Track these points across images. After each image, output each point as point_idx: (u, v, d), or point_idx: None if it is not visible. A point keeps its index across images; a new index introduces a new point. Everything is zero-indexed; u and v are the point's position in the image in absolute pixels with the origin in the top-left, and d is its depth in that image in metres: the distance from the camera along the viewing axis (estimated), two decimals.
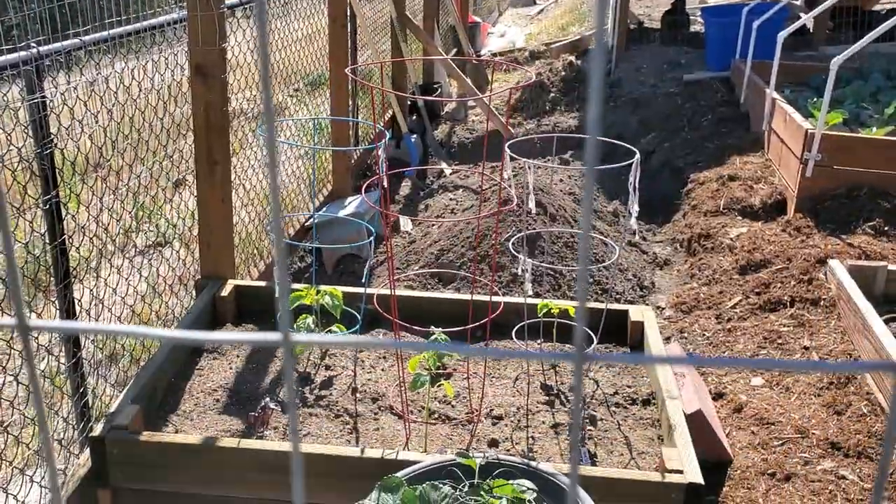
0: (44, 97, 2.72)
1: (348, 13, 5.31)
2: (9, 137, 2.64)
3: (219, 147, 3.52)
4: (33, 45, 2.70)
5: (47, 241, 2.80)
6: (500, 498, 2.22)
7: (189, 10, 3.31)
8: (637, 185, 3.42)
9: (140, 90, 3.53)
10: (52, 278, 2.98)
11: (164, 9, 5.24)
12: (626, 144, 3.44)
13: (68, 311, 2.93)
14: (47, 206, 2.78)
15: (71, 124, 3.00)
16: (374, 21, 6.86)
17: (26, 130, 2.71)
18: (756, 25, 7.12)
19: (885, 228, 4.70)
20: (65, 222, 2.90)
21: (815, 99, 5.61)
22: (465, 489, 2.28)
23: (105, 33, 3.18)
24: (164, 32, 3.66)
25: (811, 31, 8.54)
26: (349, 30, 5.31)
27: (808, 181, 4.94)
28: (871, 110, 6.18)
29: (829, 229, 4.78)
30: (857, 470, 3.09)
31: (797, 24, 7.21)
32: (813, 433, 3.27)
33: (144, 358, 3.45)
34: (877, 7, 9.11)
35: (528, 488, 2.26)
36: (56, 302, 2.89)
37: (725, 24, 8.01)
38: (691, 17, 10.46)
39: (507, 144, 3.37)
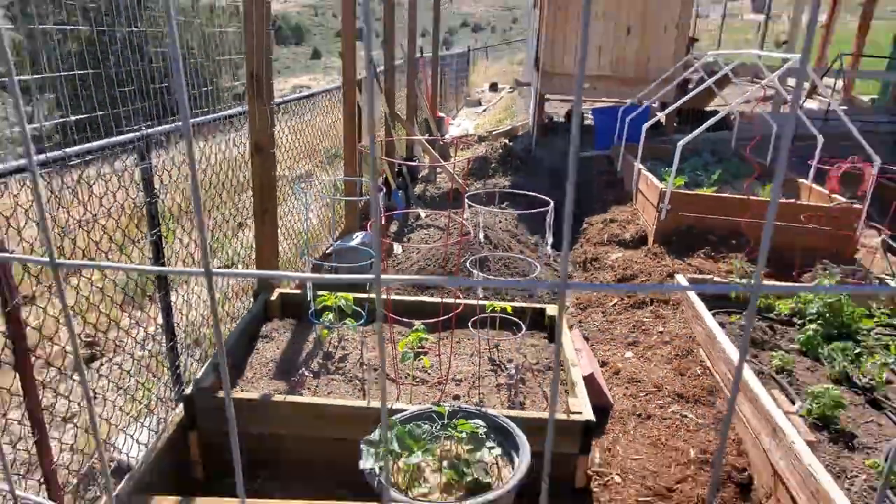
0: (149, 164, 2.73)
1: (356, 111, 5.34)
2: (127, 191, 2.65)
3: (268, 199, 3.49)
4: (143, 128, 2.72)
5: (153, 261, 2.80)
6: (462, 432, 2.26)
7: (249, 106, 3.32)
8: (551, 224, 3.51)
9: (216, 160, 3.53)
10: (156, 288, 2.96)
11: (233, 104, 5.25)
12: (543, 197, 3.49)
13: (167, 310, 2.91)
14: (153, 239, 2.79)
15: (169, 183, 3.02)
16: (376, 114, 6.88)
17: (138, 186, 2.72)
18: (627, 120, 7.27)
19: (712, 254, 4.73)
20: (164, 249, 2.91)
21: (666, 169, 5.70)
22: (438, 427, 2.31)
23: (193, 120, 3.20)
24: (233, 121, 3.68)
25: (663, 124, 8.68)
26: (356, 121, 5.34)
27: (662, 223, 4.96)
28: (702, 176, 6.34)
29: (675, 254, 4.76)
30: (694, 411, 3.10)
31: (654, 120, 7.40)
32: (665, 388, 3.23)
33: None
34: (708, 108, 9.34)
35: (481, 425, 2.30)
36: (159, 302, 2.88)
37: (607, 119, 7.99)
38: (584, 115, 10.61)
39: (466, 196, 3.45)
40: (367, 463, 2.13)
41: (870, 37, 9.97)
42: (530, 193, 4.19)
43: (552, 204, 3.32)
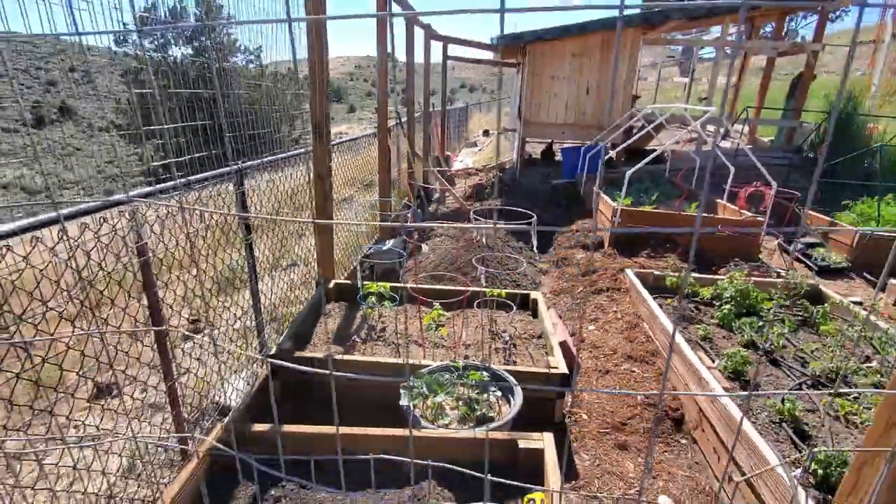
0: (243, 189, 2.83)
1: (388, 149, 5.43)
2: (228, 208, 2.75)
3: (324, 215, 3.62)
4: (239, 163, 2.83)
5: (247, 259, 2.89)
6: (472, 380, 2.35)
7: (313, 146, 3.43)
8: (535, 234, 3.59)
9: (286, 186, 3.63)
10: (247, 278, 3.04)
11: (291, 146, 5.34)
12: (527, 212, 3.57)
13: (254, 293, 3.01)
14: (247, 243, 2.89)
15: (258, 203, 3.11)
16: (400, 152, 6.98)
17: (236, 205, 2.81)
18: (588, 156, 7.37)
19: (652, 255, 4.82)
20: (255, 251, 3.00)
21: (617, 192, 5.79)
22: (455, 377, 2.40)
23: (272, 157, 3.31)
24: (300, 158, 3.78)
25: (615, 159, 8.73)
26: (388, 157, 5.42)
27: (614, 234, 5.10)
28: (644, 198, 6.41)
29: (625, 255, 4.82)
30: (641, 368, 3.14)
31: (608, 156, 7.50)
32: (619, 351, 3.28)
33: (291, 318, 3.49)
34: (648, 147, 9.40)
35: (486, 376, 2.39)
36: (249, 288, 2.96)
37: (572, 155, 8.08)
38: (555, 152, 10.69)
39: (472, 212, 3.52)
40: (404, 401, 2.22)
41: (769, 94, 10.04)
42: (520, 209, 4.26)
43: (534, 218, 3.39)
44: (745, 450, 2.08)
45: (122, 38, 30.73)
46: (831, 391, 2.61)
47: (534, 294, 3.59)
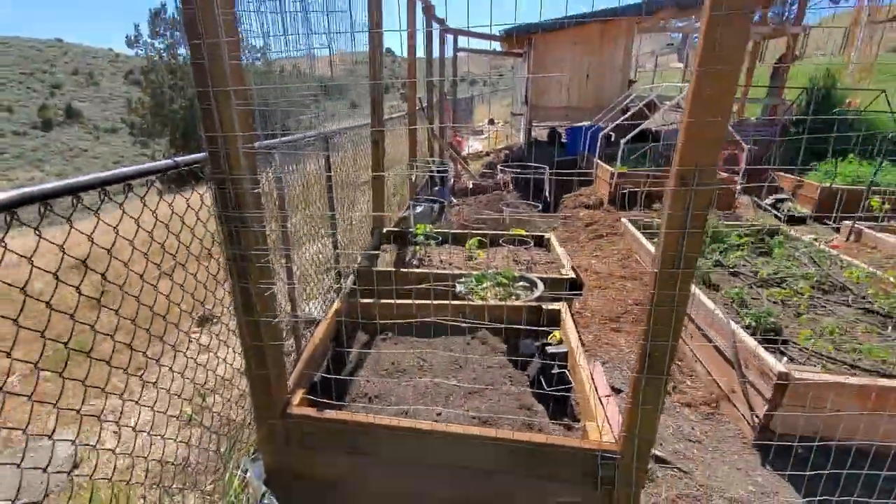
0: (328, 153, 3.73)
1: (415, 129, 6.31)
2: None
3: (379, 170, 4.51)
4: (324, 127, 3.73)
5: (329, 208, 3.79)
6: (507, 277, 3.26)
7: (371, 120, 4.33)
8: (544, 189, 4.47)
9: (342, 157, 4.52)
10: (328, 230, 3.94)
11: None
12: (540, 166, 4.44)
13: (334, 243, 3.91)
14: (329, 197, 3.79)
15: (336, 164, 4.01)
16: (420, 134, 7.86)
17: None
18: (589, 134, 8.23)
19: (643, 210, 5.73)
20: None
21: (615, 161, 6.67)
22: (493, 277, 3.32)
23: (352, 125, 4.20)
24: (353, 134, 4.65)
25: (612, 137, 9.58)
26: (413, 137, 6.29)
27: (612, 192, 5.98)
28: (638, 167, 7.31)
29: (620, 209, 5.78)
30: (632, 283, 4.07)
31: (605, 132, 8.38)
32: (615, 274, 4.16)
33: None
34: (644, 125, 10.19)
35: (515, 276, 3.29)
36: (331, 230, 3.86)
37: (575, 134, 9.00)
38: (560, 133, 11.52)
39: (499, 165, 4.36)
40: (459, 288, 3.16)
41: (757, 76, 10.87)
42: (530, 173, 5.13)
43: (547, 170, 4.29)
44: (703, 315, 3.00)
45: (133, 38, 31.40)
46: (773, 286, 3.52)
47: (547, 234, 4.49)
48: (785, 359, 2.48)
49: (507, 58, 17.10)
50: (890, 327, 2.93)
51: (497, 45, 11.49)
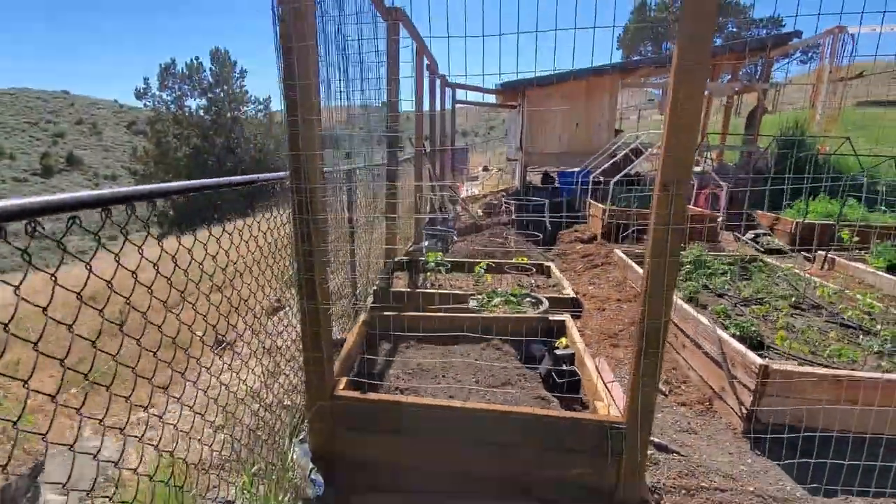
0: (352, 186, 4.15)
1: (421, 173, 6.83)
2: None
3: (392, 210, 4.93)
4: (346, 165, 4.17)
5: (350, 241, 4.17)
6: (515, 295, 3.60)
7: (388, 161, 4.80)
8: (545, 227, 4.90)
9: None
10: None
11: None
12: (539, 203, 4.88)
13: (352, 266, 4.26)
14: (351, 230, 4.17)
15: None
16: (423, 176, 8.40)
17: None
18: (580, 177, 8.83)
19: (634, 242, 6.16)
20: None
21: (606, 201, 7.17)
22: (502, 296, 3.65)
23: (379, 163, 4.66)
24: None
25: (602, 180, 10.20)
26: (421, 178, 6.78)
27: (604, 228, 6.43)
28: (626, 202, 7.82)
29: (612, 243, 6.20)
30: (628, 305, 4.41)
31: (593, 175, 8.99)
32: (611, 297, 4.52)
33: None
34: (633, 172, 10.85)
35: (521, 293, 3.64)
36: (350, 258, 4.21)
37: (568, 178, 9.63)
38: (553, 177, 12.16)
39: (504, 199, 4.81)
40: (472, 304, 3.48)
41: (733, 126, 11.76)
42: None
43: (546, 202, 4.73)
44: (693, 327, 3.34)
45: (141, 91, 32.77)
46: (753, 304, 3.89)
47: (547, 263, 4.89)
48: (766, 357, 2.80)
49: (500, 111, 18.19)
50: (860, 335, 3.28)
51: (491, 98, 12.38)
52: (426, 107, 8.46)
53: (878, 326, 3.38)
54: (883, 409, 2.43)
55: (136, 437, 1.67)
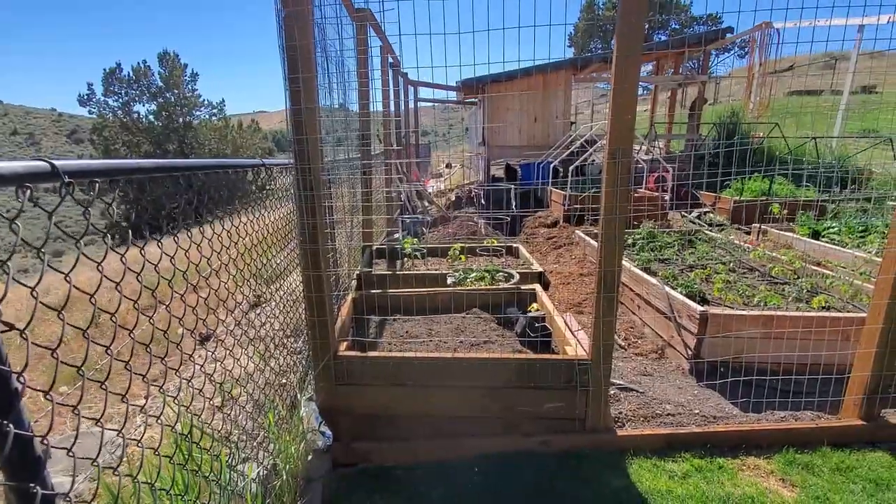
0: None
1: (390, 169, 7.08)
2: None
3: (368, 206, 5.18)
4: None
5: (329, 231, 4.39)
6: (489, 270, 3.94)
7: (362, 158, 5.04)
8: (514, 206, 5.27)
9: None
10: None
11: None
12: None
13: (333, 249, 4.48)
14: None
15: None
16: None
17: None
18: (541, 168, 9.31)
19: (591, 224, 6.66)
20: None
21: (566, 186, 7.66)
22: (479, 272, 3.98)
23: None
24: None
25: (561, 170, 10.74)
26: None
27: (565, 212, 6.89)
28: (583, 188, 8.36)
29: (573, 225, 6.68)
30: (589, 279, 4.87)
31: (553, 165, 9.50)
32: (574, 273, 4.98)
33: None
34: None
35: (494, 269, 3.98)
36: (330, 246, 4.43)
37: (528, 169, 10.12)
38: (515, 169, 12.66)
39: (475, 197, 5.15)
40: (450, 280, 3.80)
41: (678, 117, 12.63)
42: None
43: (512, 188, 5.10)
44: (645, 289, 3.78)
45: (85, 97, 31.27)
46: (695, 268, 4.40)
47: (516, 244, 5.26)
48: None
49: (456, 109, 18.59)
50: (784, 287, 3.82)
51: (452, 95, 12.75)
52: (393, 105, 8.72)
53: (799, 279, 3.94)
54: (797, 340, 2.93)
55: (155, 417, 1.86)
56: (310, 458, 2.45)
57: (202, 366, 1.99)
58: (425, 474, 2.38)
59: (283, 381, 2.93)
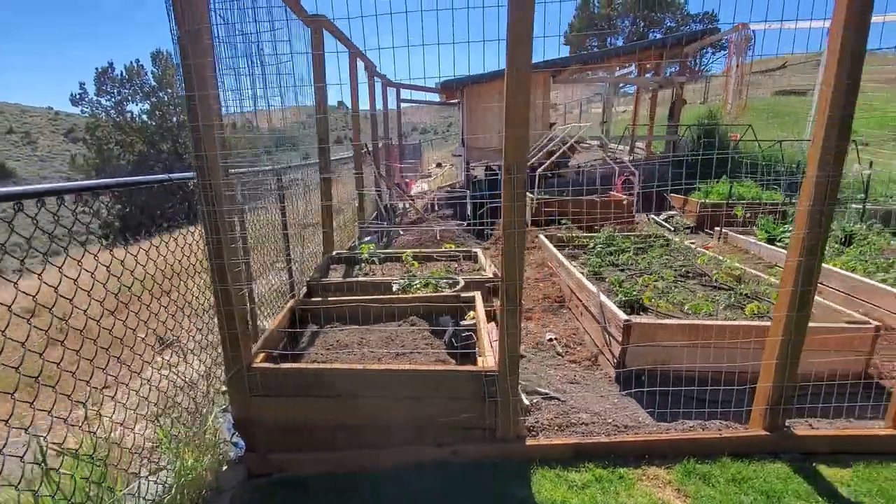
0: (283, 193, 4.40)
1: (362, 171, 7.12)
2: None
3: (328, 216, 5.20)
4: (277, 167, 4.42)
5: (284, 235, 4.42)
6: (434, 277, 3.97)
7: (320, 161, 5.06)
8: (468, 214, 5.28)
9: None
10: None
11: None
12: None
13: (288, 255, 4.51)
14: (284, 233, 4.42)
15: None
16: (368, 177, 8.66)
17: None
18: None
19: (560, 228, 6.68)
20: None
21: (537, 190, 7.68)
22: (426, 279, 4.01)
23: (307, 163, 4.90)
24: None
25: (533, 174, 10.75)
26: (361, 177, 7.07)
27: (533, 217, 6.92)
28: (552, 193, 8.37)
29: (540, 229, 6.70)
30: (543, 282, 4.90)
31: (540, 171, 9.51)
32: (531, 276, 5.03)
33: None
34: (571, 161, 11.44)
35: (444, 276, 4.01)
36: (286, 251, 4.46)
37: None
38: (494, 170, 12.69)
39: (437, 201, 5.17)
40: (395, 287, 3.83)
41: (659, 118, 12.64)
42: (458, 198, 5.97)
43: (468, 194, 5.12)
44: (586, 296, 3.81)
45: (77, 96, 31.22)
46: (644, 274, 4.43)
47: (475, 249, 5.29)
48: (632, 314, 3.29)
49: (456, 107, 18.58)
50: (722, 295, 3.85)
51: (435, 96, 12.76)
52: (364, 107, 8.72)
53: (741, 285, 3.97)
54: (719, 349, 2.96)
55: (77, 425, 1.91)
56: (224, 468, 2.49)
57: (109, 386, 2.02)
58: (340, 484, 2.41)
59: (190, 392, 2.95)
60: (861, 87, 2.07)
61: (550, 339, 3.84)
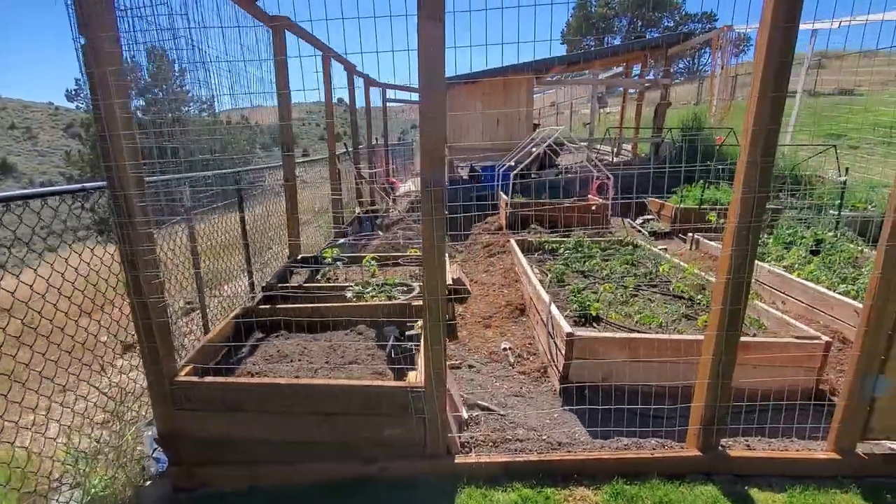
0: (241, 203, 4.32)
1: (338, 173, 7.02)
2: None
3: (293, 212, 5.12)
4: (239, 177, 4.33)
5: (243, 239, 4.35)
6: (390, 284, 3.90)
7: (283, 162, 4.98)
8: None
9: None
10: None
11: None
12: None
13: (248, 256, 4.44)
14: (244, 233, 4.35)
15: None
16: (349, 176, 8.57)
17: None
18: (501, 171, 9.23)
19: (529, 233, 6.60)
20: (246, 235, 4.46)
21: (517, 194, 7.58)
22: (382, 285, 3.94)
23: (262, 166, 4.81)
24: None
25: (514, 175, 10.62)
26: (338, 178, 6.99)
27: (508, 220, 6.82)
28: (531, 196, 8.29)
29: (515, 232, 6.63)
30: (509, 290, 4.79)
31: (514, 173, 9.41)
32: (496, 283, 4.89)
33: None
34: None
35: (399, 283, 3.94)
36: (245, 252, 4.39)
37: (489, 171, 10.03)
38: (477, 170, 12.58)
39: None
40: (348, 294, 3.76)
41: (643, 119, 12.55)
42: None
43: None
44: (540, 303, 3.74)
45: (73, 92, 31.00)
46: (605, 282, 4.36)
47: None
48: (576, 326, 3.22)
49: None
50: (680, 304, 3.78)
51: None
52: (348, 107, 8.59)
53: (701, 294, 3.90)
54: (655, 361, 2.89)
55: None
56: (148, 483, 2.43)
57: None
58: (265, 500, 2.35)
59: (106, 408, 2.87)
60: (855, 90, 1.98)
61: (505, 349, 3.78)
